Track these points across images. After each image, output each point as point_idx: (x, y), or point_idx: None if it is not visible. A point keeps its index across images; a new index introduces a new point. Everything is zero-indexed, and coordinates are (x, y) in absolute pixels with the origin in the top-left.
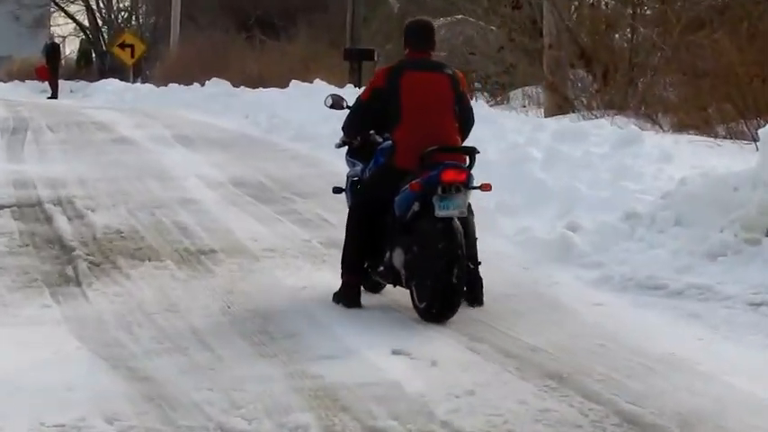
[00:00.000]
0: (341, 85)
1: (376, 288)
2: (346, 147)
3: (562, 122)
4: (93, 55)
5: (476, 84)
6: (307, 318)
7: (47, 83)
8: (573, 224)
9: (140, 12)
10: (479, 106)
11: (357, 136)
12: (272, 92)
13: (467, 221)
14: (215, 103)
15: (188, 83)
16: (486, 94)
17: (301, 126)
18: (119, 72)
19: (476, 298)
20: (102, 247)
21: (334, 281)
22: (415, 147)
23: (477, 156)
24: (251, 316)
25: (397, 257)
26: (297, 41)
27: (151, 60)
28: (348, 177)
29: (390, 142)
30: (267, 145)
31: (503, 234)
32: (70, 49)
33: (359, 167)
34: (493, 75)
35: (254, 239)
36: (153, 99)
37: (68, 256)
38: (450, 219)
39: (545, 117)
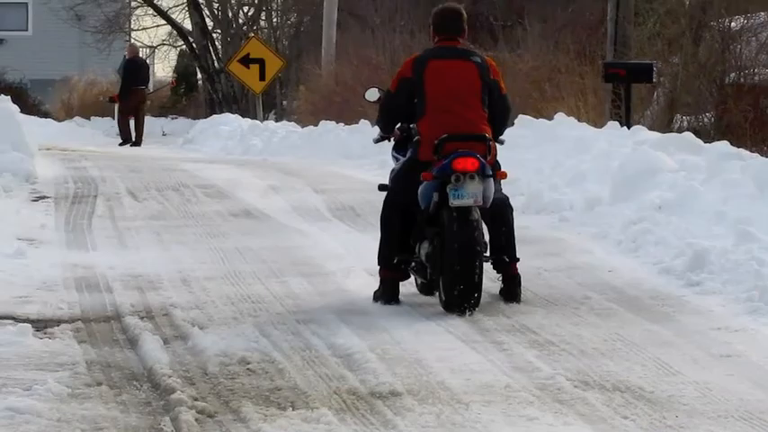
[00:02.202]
0: (598, 122)
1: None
2: (393, 142)
3: None
4: (199, 76)
5: None
6: None
7: (118, 120)
8: None
9: (273, 6)
10: None
11: (392, 129)
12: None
13: (501, 213)
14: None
15: (351, 120)
16: None
17: (537, 190)
18: (240, 104)
19: (511, 294)
20: (217, 386)
21: None
22: (436, 138)
23: (499, 145)
24: None
25: (423, 251)
26: (525, 50)
27: (291, 84)
28: (391, 173)
29: None
30: None
31: None
32: (163, 67)
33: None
34: None
35: (462, 374)
36: (295, 146)
37: (164, 401)
38: (466, 208)
39: None
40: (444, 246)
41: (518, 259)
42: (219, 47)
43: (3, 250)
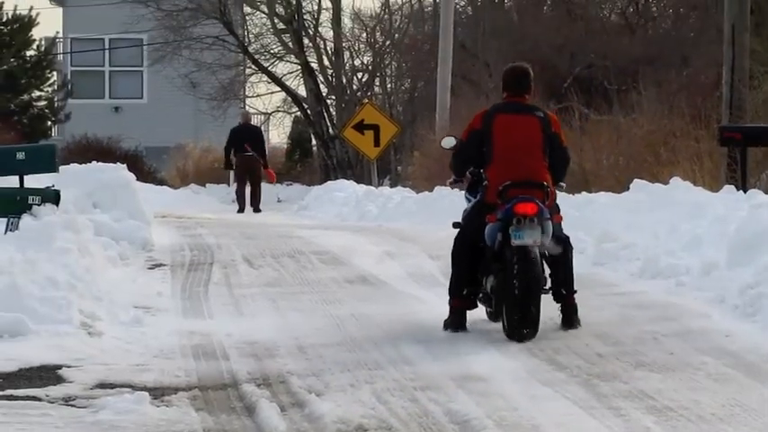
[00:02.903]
0: (714, 186)
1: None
2: (466, 184)
3: None
4: (313, 142)
5: None
6: None
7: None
8: None
9: (387, 72)
10: None
11: (464, 173)
12: (602, 198)
13: (562, 251)
14: None
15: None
16: None
17: (653, 254)
18: (354, 169)
19: (569, 321)
20: None
21: None
22: (501, 185)
23: (557, 191)
24: None
25: (489, 284)
26: (640, 114)
27: (406, 150)
28: (464, 212)
29: None
30: (595, 285)
31: None
32: (278, 134)
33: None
34: None
35: None
36: (410, 212)
37: None
38: (526, 247)
39: None
40: (507, 280)
41: (575, 291)
42: (334, 113)
43: (120, 318)
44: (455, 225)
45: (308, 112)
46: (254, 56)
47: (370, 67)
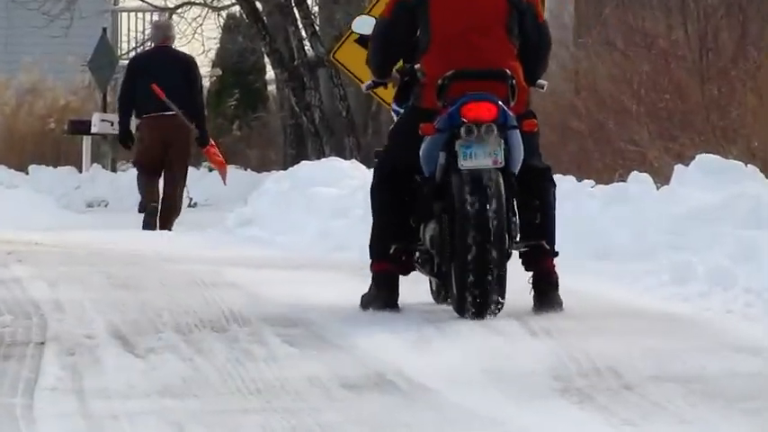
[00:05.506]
0: None
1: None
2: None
3: None
4: (270, 75)
5: None
6: None
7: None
8: None
9: None
10: None
11: (389, 71)
12: None
13: (536, 184)
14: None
15: (608, 178)
16: None
17: None
18: (360, 137)
19: (545, 299)
20: None
21: None
22: (442, 75)
23: (539, 89)
24: None
25: (428, 233)
26: None
27: None
28: (390, 131)
29: None
30: None
31: None
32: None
33: None
34: None
35: None
36: None
37: None
38: (481, 171)
39: None
40: (453, 224)
41: (557, 253)
42: (315, 9)
43: None
44: (376, 154)
45: (258, 7)
46: None
47: None
